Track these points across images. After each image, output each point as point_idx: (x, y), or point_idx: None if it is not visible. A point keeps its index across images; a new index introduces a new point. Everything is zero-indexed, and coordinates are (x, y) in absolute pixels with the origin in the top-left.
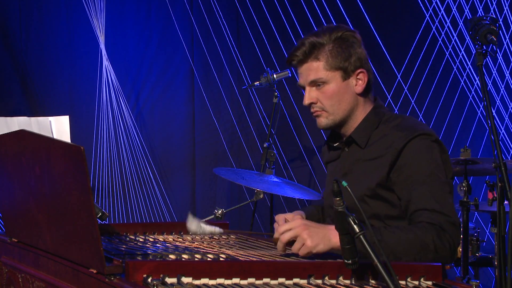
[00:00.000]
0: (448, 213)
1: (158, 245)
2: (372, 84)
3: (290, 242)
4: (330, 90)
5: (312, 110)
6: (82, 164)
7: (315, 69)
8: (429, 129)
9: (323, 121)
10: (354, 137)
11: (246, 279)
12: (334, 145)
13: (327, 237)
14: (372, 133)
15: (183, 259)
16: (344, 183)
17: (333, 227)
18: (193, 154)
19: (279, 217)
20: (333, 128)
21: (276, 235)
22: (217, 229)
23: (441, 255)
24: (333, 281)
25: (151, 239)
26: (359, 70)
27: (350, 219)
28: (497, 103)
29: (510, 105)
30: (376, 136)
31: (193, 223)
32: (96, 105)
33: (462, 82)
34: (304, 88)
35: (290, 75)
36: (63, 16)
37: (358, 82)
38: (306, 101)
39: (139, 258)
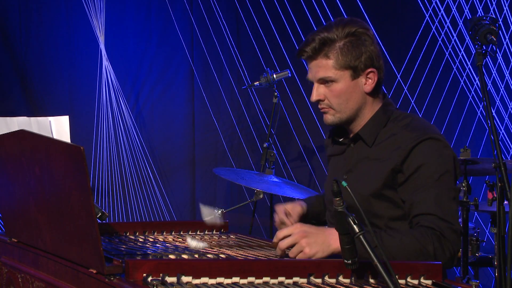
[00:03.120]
0: (451, 220)
1: (158, 245)
2: (382, 83)
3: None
4: (338, 89)
5: (319, 106)
6: (82, 164)
7: (324, 67)
8: (439, 132)
9: (329, 118)
10: (361, 135)
11: (246, 278)
12: (340, 140)
13: (326, 243)
14: (380, 132)
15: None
16: (344, 183)
17: (333, 230)
18: (193, 154)
19: (279, 208)
20: (340, 125)
21: (275, 239)
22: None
23: (440, 262)
24: (333, 280)
25: (151, 239)
26: (369, 70)
27: (350, 219)
28: (497, 103)
29: (510, 105)
30: (384, 134)
31: (207, 213)
32: (96, 105)
33: (462, 82)
34: (312, 83)
35: (290, 75)
36: (63, 16)
37: (368, 81)
38: (314, 97)
39: (138, 258)
